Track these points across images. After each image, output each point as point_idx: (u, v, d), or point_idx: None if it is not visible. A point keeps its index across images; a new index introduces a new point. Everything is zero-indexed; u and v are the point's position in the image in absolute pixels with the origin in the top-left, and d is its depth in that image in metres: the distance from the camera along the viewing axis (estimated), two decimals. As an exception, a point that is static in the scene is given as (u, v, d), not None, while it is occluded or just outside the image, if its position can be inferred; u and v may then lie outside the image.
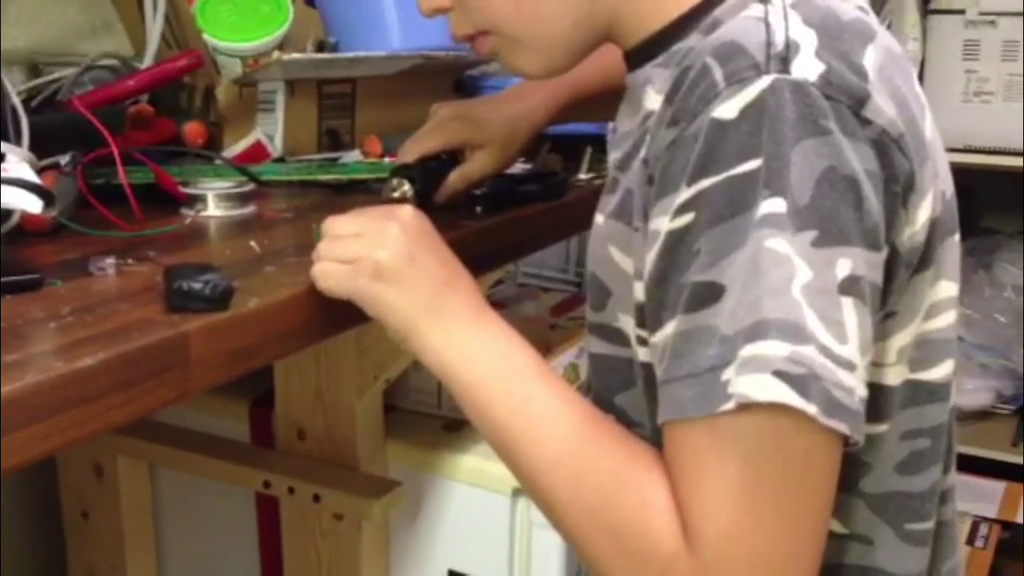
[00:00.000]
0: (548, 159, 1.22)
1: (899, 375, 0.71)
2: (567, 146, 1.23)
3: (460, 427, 1.26)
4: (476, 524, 1.23)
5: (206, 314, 0.69)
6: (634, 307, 0.72)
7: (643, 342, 0.71)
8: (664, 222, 0.65)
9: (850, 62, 0.64)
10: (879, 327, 0.68)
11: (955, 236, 0.74)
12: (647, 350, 0.70)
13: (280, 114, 1.17)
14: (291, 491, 1.20)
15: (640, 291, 0.70)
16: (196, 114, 1.17)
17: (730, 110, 0.62)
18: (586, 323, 0.82)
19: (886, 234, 0.64)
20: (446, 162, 0.99)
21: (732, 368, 0.60)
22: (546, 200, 1.08)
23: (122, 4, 1.29)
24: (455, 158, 1.00)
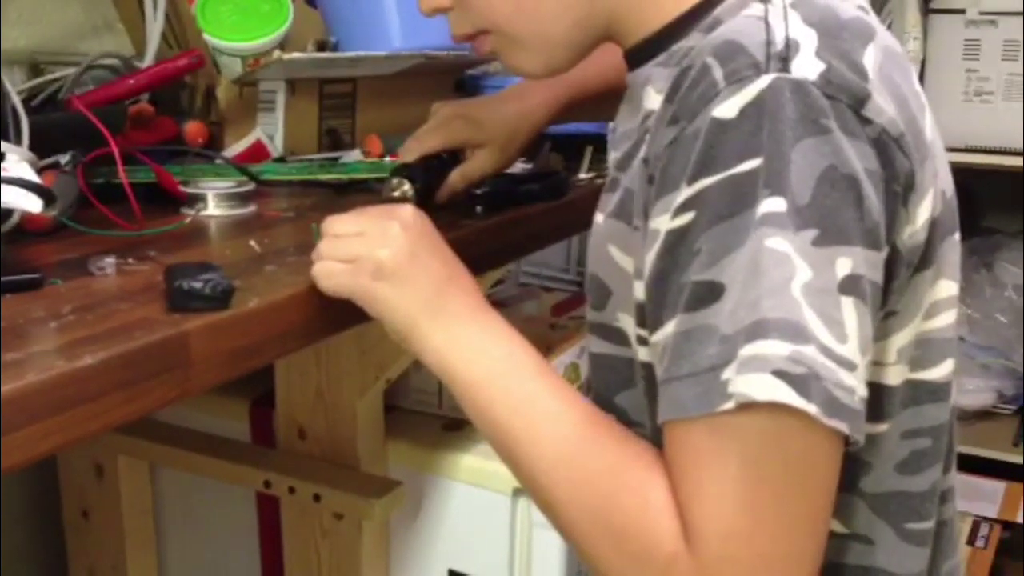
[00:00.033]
0: (548, 159, 1.22)
1: (899, 375, 0.71)
2: (567, 146, 1.23)
3: (460, 427, 1.26)
4: (476, 524, 1.23)
5: (207, 313, 0.69)
6: (634, 306, 0.72)
7: (643, 341, 0.71)
8: (664, 221, 0.64)
9: (850, 61, 0.64)
10: (879, 326, 0.68)
11: (955, 235, 0.73)
12: (647, 349, 0.70)
13: (280, 114, 1.17)
14: (292, 491, 1.20)
15: (640, 290, 0.70)
16: (197, 113, 1.17)
17: (730, 109, 0.62)
18: (586, 323, 0.82)
19: (886, 233, 0.64)
20: (447, 161, 0.99)
21: (732, 367, 0.60)
22: (547, 200, 1.08)
23: (122, 4, 1.29)
24: (456, 157, 1.00)
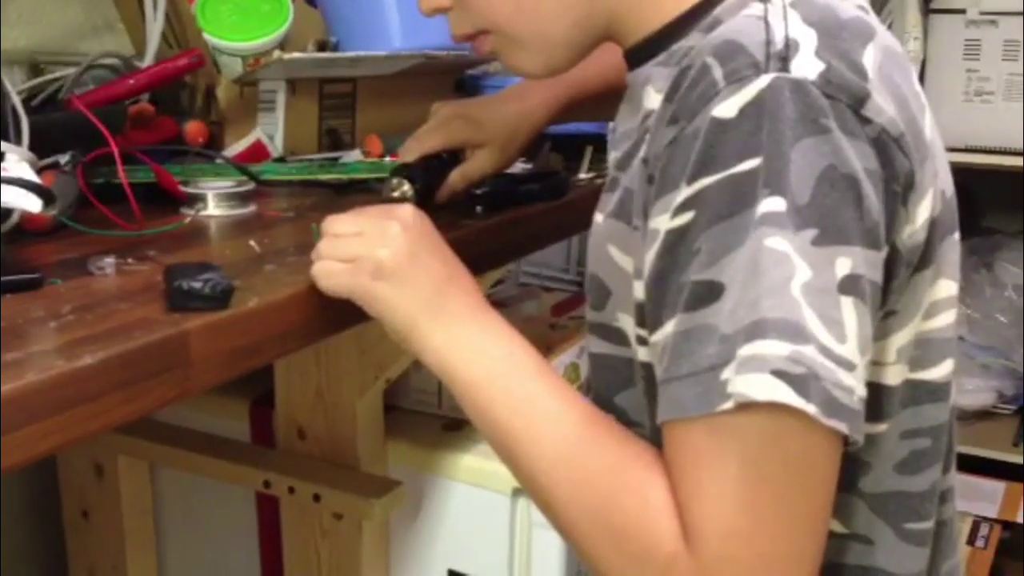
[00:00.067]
0: (548, 159, 1.22)
1: (899, 374, 0.71)
2: (567, 146, 1.23)
3: (460, 427, 1.26)
4: (476, 524, 1.22)
5: (206, 313, 0.69)
6: (634, 306, 0.72)
7: (643, 341, 0.71)
8: (664, 221, 0.64)
9: (850, 61, 0.64)
10: (879, 326, 0.68)
11: (955, 235, 0.73)
12: (647, 349, 0.70)
13: (281, 113, 1.17)
14: (291, 491, 1.20)
15: (640, 290, 0.70)
16: (197, 113, 1.17)
17: (730, 109, 0.62)
18: (586, 323, 0.82)
19: (886, 233, 0.64)
20: (446, 162, 0.99)
21: (731, 367, 0.60)
22: (547, 200, 1.08)
23: (123, 4, 1.29)
24: (456, 157, 1.00)
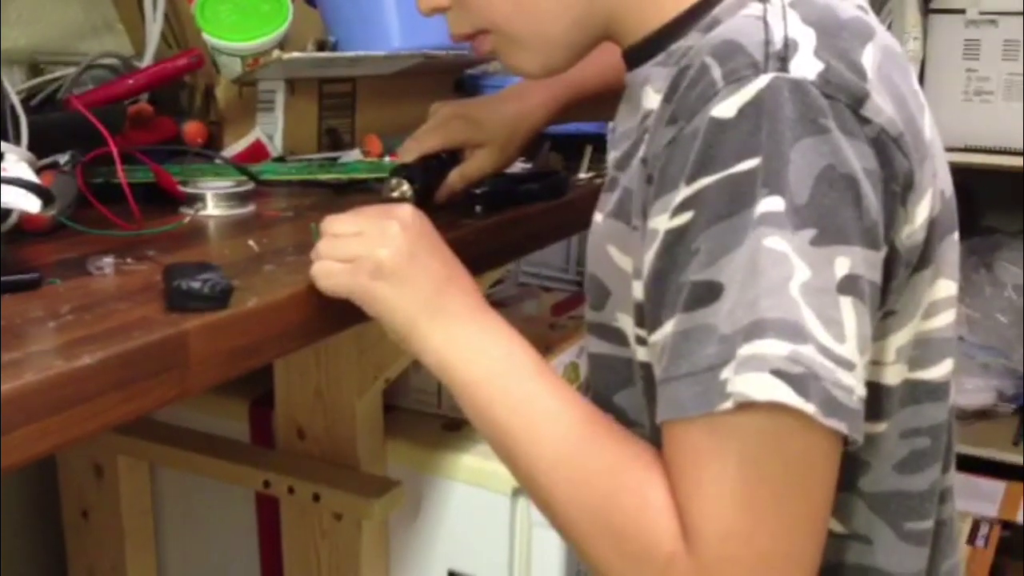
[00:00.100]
0: (548, 158, 1.22)
1: (898, 374, 0.71)
2: (567, 146, 1.23)
3: (460, 427, 1.26)
4: (476, 524, 1.22)
5: (205, 313, 0.69)
6: (633, 306, 0.72)
7: (642, 341, 0.71)
8: (663, 221, 0.64)
9: (849, 61, 0.64)
10: (878, 326, 0.68)
11: (954, 235, 0.73)
12: (646, 349, 0.70)
13: (280, 113, 1.17)
14: (291, 491, 1.20)
15: (639, 290, 0.70)
16: (196, 113, 1.17)
17: (729, 109, 0.62)
18: (585, 322, 0.82)
19: (885, 233, 0.64)
20: (446, 161, 0.99)
21: (731, 367, 0.60)
22: (546, 200, 1.08)
23: (122, 3, 1.29)
24: (455, 157, 1.00)
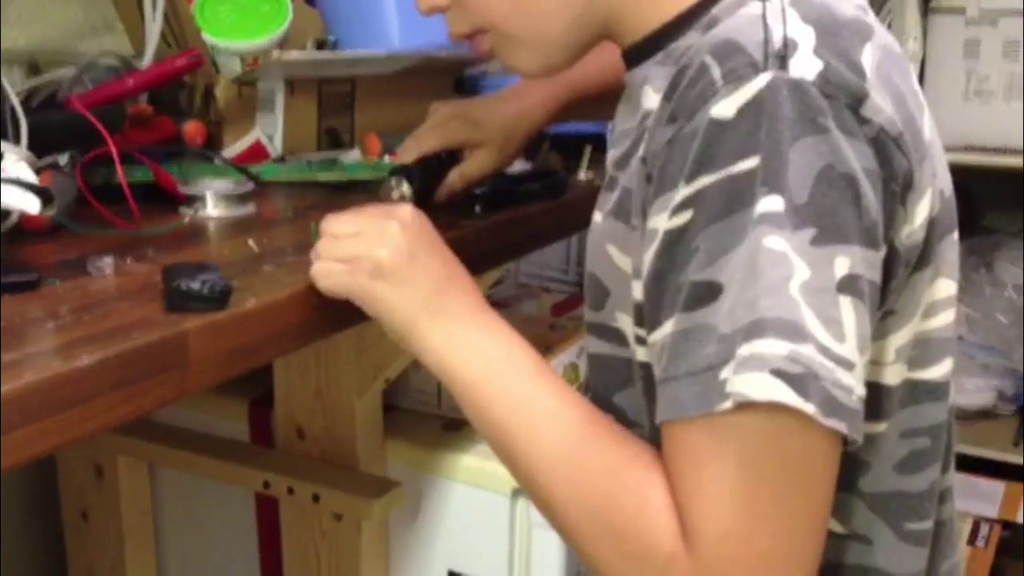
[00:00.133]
0: (548, 158, 1.22)
1: (898, 374, 0.71)
2: (567, 145, 1.23)
3: (460, 427, 1.26)
4: (476, 524, 1.22)
5: (205, 313, 0.69)
6: (632, 306, 0.72)
7: (641, 341, 0.71)
8: (662, 220, 0.64)
9: (848, 60, 0.64)
10: (878, 326, 0.68)
11: (954, 235, 0.73)
12: (645, 349, 0.70)
13: (280, 113, 1.17)
14: (291, 491, 1.20)
15: (638, 290, 0.70)
16: (196, 113, 1.17)
17: (728, 108, 0.62)
18: (584, 323, 0.81)
19: (884, 232, 0.64)
20: (445, 161, 0.99)
21: (730, 367, 0.60)
22: (546, 199, 1.08)
23: (122, 3, 1.29)
24: (454, 157, 1.00)
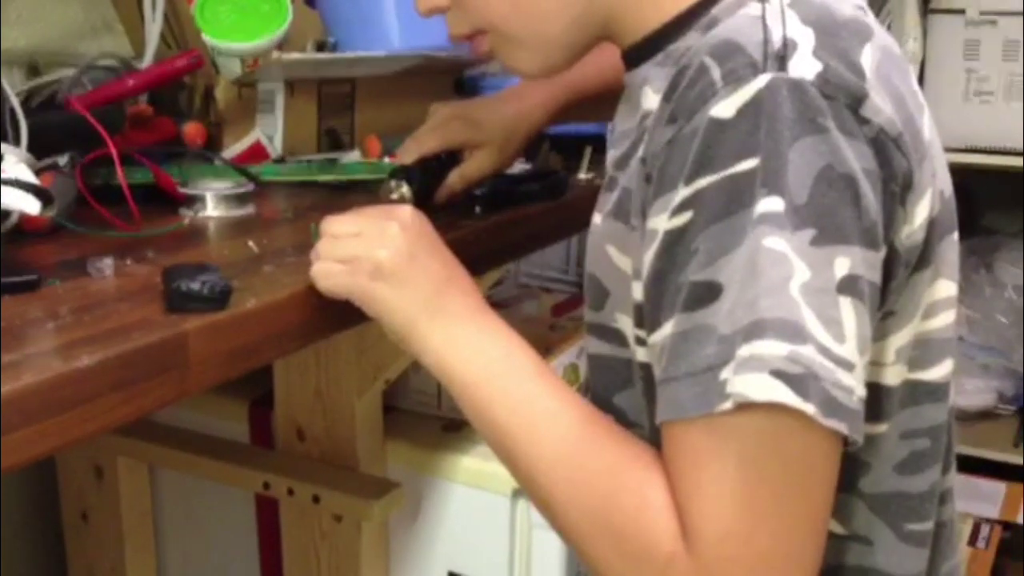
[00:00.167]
0: (548, 159, 1.22)
1: (898, 375, 0.71)
2: (567, 146, 1.23)
3: (460, 428, 1.26)
4: (476, 525, 1.22)
5: (205, 314, 0.69)
6: (632, 307, 0.72)
7: (641, 342, 0.71)
8: (662, 221, 0.64)
9: (848, 61, 0.64)
10: (878, 327, 0.67)
11: (953, 235, 0.73)
12: (645, 350, 0.70)
13: (279, 114, 1.17)
14: (291, 492, 1.20)
15: (638, 291, 0.70)
16: (195, 114, 1.17)
17: (728, 109, 0.62)
18: (584, 323, 0.81)
19: (884, 233, 0.64)
20: (445, 162, 0.99)
21: (730, 368, 0.59)
22: (546, 200, 1.08)
23: (122, 4, 1.29)
24: (454, 158, 1.00)
